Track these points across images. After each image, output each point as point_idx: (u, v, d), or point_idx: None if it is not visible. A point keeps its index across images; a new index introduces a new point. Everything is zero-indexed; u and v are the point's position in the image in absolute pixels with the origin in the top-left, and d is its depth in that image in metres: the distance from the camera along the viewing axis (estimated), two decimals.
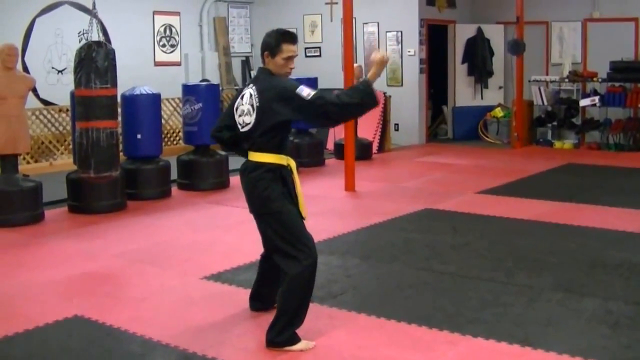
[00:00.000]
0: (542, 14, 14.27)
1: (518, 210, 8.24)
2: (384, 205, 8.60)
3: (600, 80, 13.40)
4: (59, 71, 12.34)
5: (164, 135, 11.75)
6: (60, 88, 11.95)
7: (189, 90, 9.97)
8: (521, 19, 13.51)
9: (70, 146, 10.45)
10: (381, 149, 13.25)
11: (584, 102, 13.47)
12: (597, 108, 13.51)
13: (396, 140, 13.95)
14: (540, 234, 7.22)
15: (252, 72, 14.91)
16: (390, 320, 4.84)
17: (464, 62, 14.96)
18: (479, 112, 14.97)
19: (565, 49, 14.26)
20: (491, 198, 9.05)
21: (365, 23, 14.39)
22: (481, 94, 15.07)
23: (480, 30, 14.88)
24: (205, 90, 9.92)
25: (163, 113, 11.58)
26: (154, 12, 13.81)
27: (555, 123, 14.00)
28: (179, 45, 14.30)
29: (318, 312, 5.02)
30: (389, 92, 13.65)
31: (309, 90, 4.30)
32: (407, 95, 14.07)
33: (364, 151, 12.18)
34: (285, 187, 4.47)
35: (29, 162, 11.16)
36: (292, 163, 4.53)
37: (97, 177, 8.00)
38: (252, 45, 15.45)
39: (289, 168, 4.51)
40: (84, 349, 4.47)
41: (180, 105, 11.15)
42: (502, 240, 6.99)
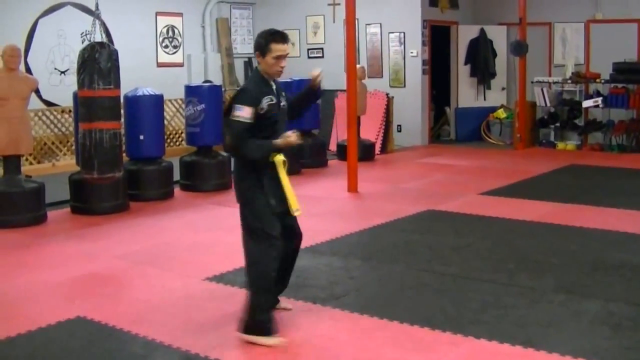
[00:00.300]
0: (545, 15, 14.26)
1: (520, 211, 8.24)
2: (386, 207, 8.60)
3: (603, 81, 13.39)
4: (62, 72, 12.36)
5: (166, 137, 11.76)
6: (62, 89, 11.96)
7: (192, 92, 9.97)
8: (524, 20, 13.51)
9: (73, 147, 10.46)
10: (384, 150, 13.26)
11: (587, 104, 13.47)
12: (600, 109, 13.51)
13: (399, 141, 13.95)
14: (542, 235, 7.22)
15: None
16: (392, 321, 4.84)
17: (466, 63, 14.96)
18: (482, 113, 14.97)
19: (568, 50, 14.26)
20: (493, 199, 9.05)
21: (368, 24, 14.40)
22: (484, 95, 15.06)
23: (483, 31, 14.88)
24: (208, 92, 9.93)
25: (166, 114, 11.59)
26: (157, 13, 13.83)
27: (557, 124, 13.99)
28: (182, 46, 14.31)
29: (320, 314, 5.03)
30: (392, 93, 13.65)
31: (239, 113, 4.48)
32: (410, 97, 14.07)
33: (367, 152, 12.18)
34: (260, 181, 4.59)
35: (31, 163, 11.17)
36: (278, 158, 4.60)
37: (101, 178, 7.99)
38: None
39: (270, 162, 4.61)
40: (86, 350, 4.47)
41: (183, 106, 11.17)
42: (504, 242, 6.99)
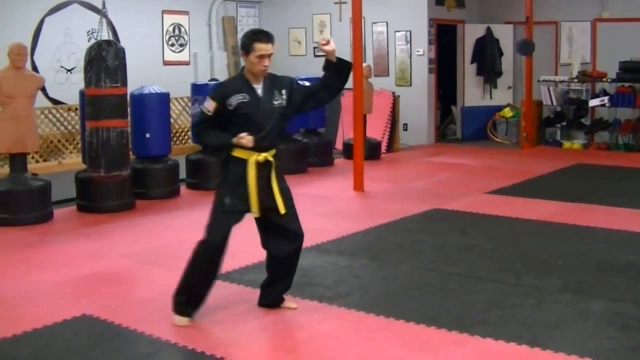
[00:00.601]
0: (552, 14, 14.23)
1: (526, 210, 8.22)
2: (392, 206, 8.59)
3: (609, 80, 13.36)
4: (68, 70, 12.37)
5: (172, 135, 11.76)
6: (69, 87, 11.99)
7: (198, 90, 9.97)
8: (530, 19, 13.48)
9: (79, 145, 10.48)
10: (390, 148, 13.25)
11: (593, 103, 13.44)
12: (606, 108, 13.47)
13: (405, 140, 13.94)
14: (549, 235, 7.20)
15: None
16: (398, 320, 4.84)
17: (473, 62, 14.93)
18: (488, 112, 14.94)
19: (574, 49, 14.22)
20: (499, 198, 9.04)
21: (374, 23, 14.38)
22: (490, 94, 15.04)
23: (489, 30, 14.85)
24: None
25: (172, 112, 11.59)
26: (163, 12, 13.84)
27: (564, 123, 13.96)
28: (188, 44, 14.32)
29: (326, 313, 5.03)
30: (398, 92, 13.64)
31: (205, 104, 4.78)
32: (416, 95, 14.06)
33: (373, 151, 12.17)
34: (226, 179, 4.79)
35: (37, 161, 11.19)
36: (253, 158, 4.69)
37: (107, 177, 8.01)
38: None
39: (244, 161, 4.72)
40: (91, 349, 4.48)
41: (189, 104, 11.18)
42: (510, 241, 6.98)
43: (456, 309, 5.07)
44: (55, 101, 12.00)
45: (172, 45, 14.05)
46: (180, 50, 14.20)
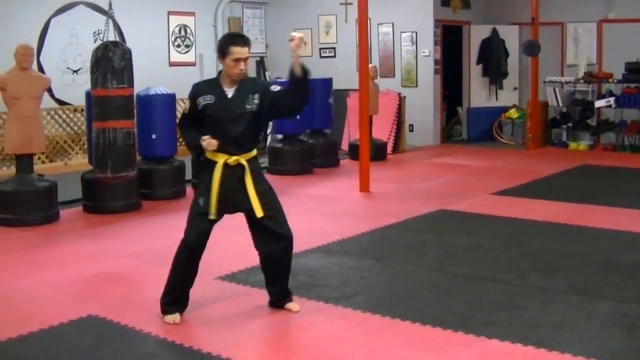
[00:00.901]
0: (557, 15, 14.21)
1: (532, 211, 8.22)
2: (398, 206, 8.59)
3: (615, 81, 13.33)
4: (74, 71, 12.39)
5: (178, 136, 11.76)
6: (75, 88, 12.00)
7: None
8: (536, 20, 13.48)
9: (85, 146, 10.50)
10: (396, 149, 13.24)
11: (599, 103, 13.42)
12: (612, 109, 13.44)
13: (411, 141, 13.94)
14: (554, 236, 7.20)
15: (267, 73, 14.94)
16: (404, 321, 4.84)
17: (478, 63, 14.92)
18: (494, 113, 14.93)
19: (580, 50, 14.20)
20: (505, 199, 9.03)
21: (380, 24, 14.37)
22: (496, 95, 15.03)
23: (495, 31, 14.84)
24: None
25: (178, 113, 11.59)
26: (169, 13, 13.85)
27: (570, 124, 13.93)
28: (194, 45, 14.34)
29: (332, 313, 5.03)
30: (404, 93, 13.64)
31: (187, 103, 4.93)
32: (422, 96, 14.05)
33: (379, 152, 12.18)
34: (203, 179, 4.86)
35: (44, 162, 11.21)
36: (221, 160, 4.75)
37: (114, 177, 8.02)
38: (267, 46, 15.46)
39: (212, 162, 4.79)
40: (97, 349, 4.48)
41: None
42: (516, 242, 6.98)
43: (462, 310, 5.07)
44: (61, 102, 12.02)
45: (178, 46, 14.06)
46: (186, 51, 14.22)
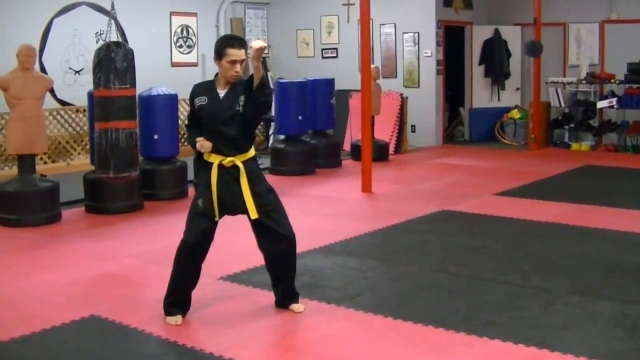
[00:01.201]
0: (560, 15, 14.21)
1: (534, 212, 8.21)
2: (400, 207, 8.59)
3: (617, 82, 13.33)
4: (76, 72, 12.40)
5: (180, 136, 11.78)
6: (77, 88, 12.01)
7: None
8: (538, 20, 13.46)
9: (87, 146, 10.50)
10: (398, 150, 13.25)
11: (602, 104, 13.41)
12: (615, 110, 13.43)
13: (413, 141, 13.94)
14: (557, 237, 7.19)
15: (269, 73, 14.93)
16: (406, 322, 4.84)
17: (480, 64, 14.92)
18: (496, 114, 14.93)
19: (582, 51, 14.20)
20: (507, 200, 9.03)
21: (382, 24, 14.37)
22: (498, 95, 15.03)
23: (497, 31, 14.84)
24: None
25: (180, 114, 11.59)
26: (171, 13, 13.86)
27: (572, 125, 13.92)
28: (196, 46, 14.34)
29: (334, 314, 5.03)
30: (406, 94, 13.64)
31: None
32: (424, 97, 14.05)
33: (381, 152, 12.17)
34: (202, 182, 4.88)
35: (46, 162, 11.23)
36: (216, 162, 4.77)
37: (117, 178, 8.02)
38: (269, 47, 15.46)
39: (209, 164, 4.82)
40: (100, 349, 4.48)
41: None
42: (518, 243, 6.97)
43: (464, 310, 5.07)
44: (63, 102, 12.04)
45: (180, 46, 14.07)
46: (189, 52, 14.22)
